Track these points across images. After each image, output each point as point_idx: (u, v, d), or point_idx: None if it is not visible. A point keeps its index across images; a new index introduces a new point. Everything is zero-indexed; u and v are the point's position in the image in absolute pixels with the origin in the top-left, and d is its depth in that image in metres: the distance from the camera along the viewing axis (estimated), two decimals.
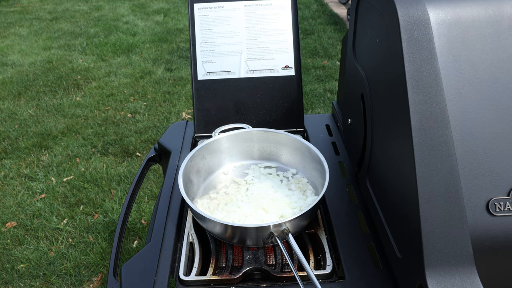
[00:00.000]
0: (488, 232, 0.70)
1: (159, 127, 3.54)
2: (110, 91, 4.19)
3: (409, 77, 0.70)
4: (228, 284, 0.86)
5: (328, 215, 1.01)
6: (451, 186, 0.67)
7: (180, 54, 5.07)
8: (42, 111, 3.86)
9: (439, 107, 0.69)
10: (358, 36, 1.07)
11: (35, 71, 4.71)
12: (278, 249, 0.93)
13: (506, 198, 0.70)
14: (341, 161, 1.21)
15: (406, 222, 0.75)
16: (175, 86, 4.25)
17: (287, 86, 1.32)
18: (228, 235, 0.90)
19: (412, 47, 0.71)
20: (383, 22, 0.82)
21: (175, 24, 6.21)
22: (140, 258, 0.91)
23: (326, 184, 0.94)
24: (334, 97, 3.89)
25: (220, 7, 1.32)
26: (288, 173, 1.14)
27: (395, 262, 0.83)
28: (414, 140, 0.68)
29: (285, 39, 1.32)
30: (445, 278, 0.67)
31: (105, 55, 5.09)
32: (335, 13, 6.37)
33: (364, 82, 0.98)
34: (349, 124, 1.17)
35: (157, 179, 2.87)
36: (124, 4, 7.34)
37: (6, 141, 3.41)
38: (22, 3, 7.69)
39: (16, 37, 5.83)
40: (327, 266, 0.88)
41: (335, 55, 4.83)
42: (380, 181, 0.91)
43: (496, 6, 0.74)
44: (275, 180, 1.11)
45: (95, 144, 3.33)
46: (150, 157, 1.32)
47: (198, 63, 1.32)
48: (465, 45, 0.73)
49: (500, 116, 0.72)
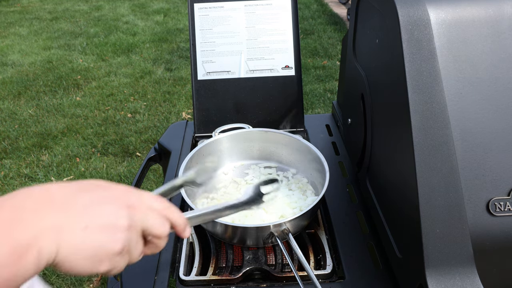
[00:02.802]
0: (488, 232, 0.70)
1: (159, 127, 3.54)
2: (110, 91, 4.19)
3: (409, 77, 0.70)
4: (228, 284, 0.86)
5: (328, 215, 1.01)
6: (451, 186, 0.67)
7: (180, 54, 5.07)
8: (42, 111, 3.86)
9: (439, 107, 0.69)
10: (358, 36, 1.07)
11: (35, 71, 4.71)
12: (278, 249, 0.93)
13: (506, 198, 0.70)
14: (341, 161, 1.21)
15: (406, 222, 0.75)
16: (175, 86, 4.25)
17: (287, 86, 1.32)
18: (228, 235, 0.90)
19: (412, 47, 0.71)
20: (383, 22, 0.82)
21: (175, 24, 6.21)
22: (140, 258, 0.91)
23: (326, 184, 0.94)
24: (334, 97, 3.89)
25: (220, 7, 1.32)
26: (288, 173, 1.14)
27: (395, 262, 0.83)
28: (414, 140, 0.68)
29: (285, 39, 1.32)
30: (445, 278, 0.67)
31: (105, 55, 5.09)
32: (335, 13, 6.37)
33: (364, 82, 0.98)
34: (349, 124, 1.17)
35: (157, 179, 2.87)
36: (124, 4, 7.34)
37: (6, 141, 3.41)
38: (22, 3, 7.69)
39: (16, 37, 5.83)
40: (327, 266, 0.88)
41: (335, 55, 4.83)
42: (380, 181, 0.91)
43: (496, 6, 0.74)
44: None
45: (95, 144, 3.33)
46: (150, 157, 1.32)
47: (198, 63, 1.32)
48: (465, 45, 0.73)
49: (500, 116, 0.72)
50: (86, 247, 0.47)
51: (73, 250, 0.46)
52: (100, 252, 0.48)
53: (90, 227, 0.47)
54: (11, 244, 0.42)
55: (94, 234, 0.48)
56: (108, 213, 0.49)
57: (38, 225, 0.44)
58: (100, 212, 0.49)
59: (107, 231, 0.49)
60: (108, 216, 0.49)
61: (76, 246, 0.46)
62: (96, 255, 0.48)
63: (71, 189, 0.49)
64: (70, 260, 0.46)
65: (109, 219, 0.49)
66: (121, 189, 0.53)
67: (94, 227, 0.48)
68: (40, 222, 0.45)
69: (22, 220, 0.44)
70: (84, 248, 0.47)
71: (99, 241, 0.48)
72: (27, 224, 0.44)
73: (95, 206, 0.49)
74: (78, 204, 0.48)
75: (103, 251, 0.48)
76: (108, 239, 0.48)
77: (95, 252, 0.48)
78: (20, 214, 0.44)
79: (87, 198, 0.49)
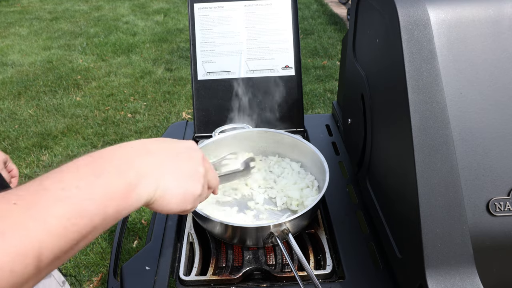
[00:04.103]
0: (488, 232, 0.70)
1: (159, 127, 3.54)
2: (110, 91, 4.19)
3: (409, 77, 0.70)
4: (228, 284, 0.86)
5: (328, 215, 1.01)
6: (451, 186, 0.67)
7: (180, 54, 5.07)
8: (42, 111, 3.86)
9: (439, 107, 0.69)
10: (358, 36, 1.07)
11: (35, 71, 4.71)
12: (278, 249, 0.93)
13: (506, 198, 0.70)
14: (341, 161, 1.21)
15: (406, 222, 0.75)
16: (175, 86, 4.25)
17: (287, 86, 1.32)
18: (228, 235, 0.90)
19: (412, 47, 0.71)
20: (383, 22, 0.82)
21: (175, 24, 6.21)
22: (140, 258, 0.91)
23: (326, 184, 0.94)
24: (334, 97, 3.89)
25: (220, 7, 1.32)
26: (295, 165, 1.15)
27: (395, 262, 0.83)
28: (414, 140, 0.68)
29: (285, 39, 1.32)
30: (445, 278, 0.67)
31: (105, 55, 5.09)
32: (335, 13, 6.37)
33: (364, 82, 0.98)
34: (349, 124, 1.17)
35: None
36: (124, 4, 7.34)
37: (6, 141, 3.41)
38: (22, 3, 7.69)
39: (16, 37, 5.83)
40: (327, 266, 0.88)
41: (335, 55, 4.83)
42: (380, 181, 0.91)
43: (496, 6, 0.74)
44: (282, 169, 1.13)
45: (95, 144, 3.33)
46: None
47: (198, 63, 1.32)
48: (465, 45, 0.73)
49: (500, 116, 0.72)
50: (178, 190, 0.58)
51: (168, 191, 0.56)
52: (187, 194, 0.59)
53: (181, 174, 0.59)
54: (125, 182, 0.51)
55: (184, 180, 0.59)
56: (191, 164, 0.61)
57: (142, 169, 0.54)
58: (187, 163, 0.60)
59: (192, 178, 0.60)
60: (192, 166, 0.61)
61: (171, 189, 0.57)
62: (184, 197, 0.59)
63: (161, 144, 0.60)
64: (164, 199, 0.56)
65: (193, 168, 0.61)
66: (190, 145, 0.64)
67: (184, 174, 0.59)
68: (144, 167, 0.54)
69: (129, 165, 0.53)
70: (177, 190, 0.57)
71: (187, 185, 0.59)
72: (134, 168, 0.53)
73: (182, 157, 0.60)
74: (170, 156, 0.59)
75: (190, 193, 0.60)
76: (193, 184, 0.60)
77: (184, 193, 0.59)
78: (127, 161, 0.53)
79: (175, 151, 0.60)
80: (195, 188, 0.61)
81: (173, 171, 0.58)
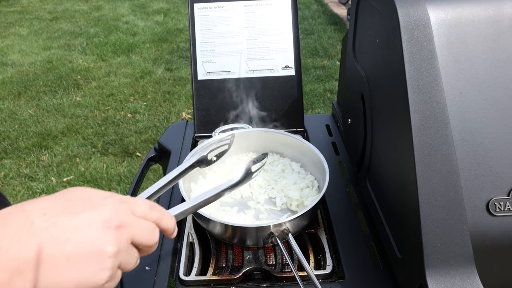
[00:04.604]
0: (488, 232, 0.70)
1: (159, 127, 3.54)
2: (110, 91, 4.19)
3: (409, 77, 0.70)
4: (228, 284, 0.86)
5: (328, 215, 1.01)
6: (451, 186, 0.67)
7: (180, 54, 5.07)
8: (42, 111, 3.86)
9: (439, 107, 0.69)
10: (358, 36, 1.07)
11: (35, 71, 4.71)
12: (278, 249, 0.93)
13: (506, 198, 0.70)
14: (341, 161, 1.21)
15: (406, 222, 0.75)
16: (175, 86, 4.25)
17: (287, 86, 1.32)
18: (228, 235, 0.90)
19: (412, 47, 0.71)
20: (383, 22, 0.82)
21: (175, 24, 6.21)
22: (140, 258, 0.91)
23: (326, 184, 0.94)
24: (334, 97, 3.89)
25: (220, 7, 1.32)
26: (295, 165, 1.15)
27: (395, 262, 0.83)
28: (414, 140, 0.68)
29: (285, 39, 1.32)
30: (445, 278, 0.67)
31: (105, 55, 5.09)
32: (335, 13, 6.37)
33: (364, 82, 0.98)
34: (349, 124, 1.17)
35: (157, 179, 2.86)
36: (124, 4, 7.34)
37: (6, 141, 3.41)
38: (22, 3, 7.69)
39: (16, 37, 5.83)
40: (327, 266, 0.88)
41: (335, 55, 4.83)
42: (380, 181, 0.91)
43: (496, 6, 0.74)
44: (283, 169, 1.13)
45: (95, 144, 3.33)
46: (150, 157, 1.32)
47: (198, 63, 1.32)
48: (465, 45, 0.73)
49: (500, 116, 0.72)
50: (68, 282, 0.41)
51: (54, 287, 0.41)
52: (85, 286, 0.42)
53: (73, 257, 0.41)
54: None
55: (78, 265, 0.42)
56: (93, 238, 0.43)
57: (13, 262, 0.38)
58: (85, 237, 0.43)
59: (93, 260, 0.42)
60: (93, 242, 0.43)
61: (57, 283, 0.41)
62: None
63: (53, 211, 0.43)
64: None
65: (95, 246, 0.43)
66: (110, 205, 0.46)
67: (78, 257, 0.42)
68: (17, 253, 0.39)
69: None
70: (66, 283, 0.41)
71: (82, 274, 0.42)
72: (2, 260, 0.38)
73: (80, 230, 0.43)
74: (60, 228, 0.42)
75: (90, 284, 0.42)
76: (93, 271, 0.42)
77: (79, 286, 0.42)
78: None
79: (72, 221, 0.43)
80: (98, 277, 0.43)
81: (63, 254, 0.41)
